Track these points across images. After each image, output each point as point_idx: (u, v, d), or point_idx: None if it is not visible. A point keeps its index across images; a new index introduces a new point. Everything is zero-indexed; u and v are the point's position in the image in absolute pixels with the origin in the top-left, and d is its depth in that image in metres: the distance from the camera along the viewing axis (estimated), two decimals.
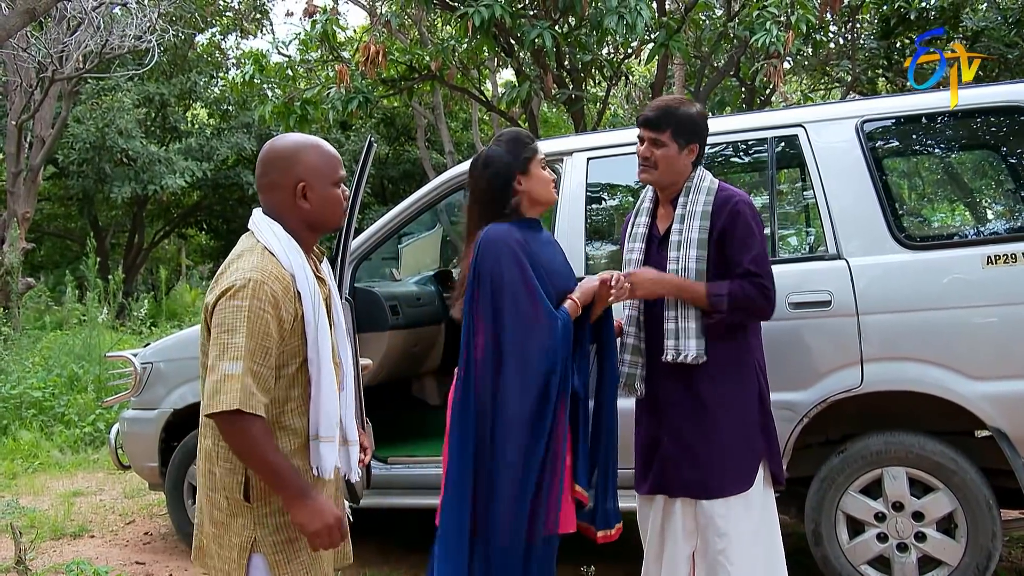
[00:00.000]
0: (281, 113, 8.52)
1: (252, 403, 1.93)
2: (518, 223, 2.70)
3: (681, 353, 2.71)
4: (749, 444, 2.77)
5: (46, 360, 8.72)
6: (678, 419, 2.79)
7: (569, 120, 11.36)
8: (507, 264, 2.59)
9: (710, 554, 2.73)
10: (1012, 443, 3.17)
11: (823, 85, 12.74)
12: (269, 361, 1.99)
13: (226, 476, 2.06)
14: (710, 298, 2.69)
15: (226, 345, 1.95)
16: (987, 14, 9.23)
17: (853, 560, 3.35)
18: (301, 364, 2.08)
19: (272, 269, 2.03)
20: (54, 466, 6.59)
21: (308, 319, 2.07)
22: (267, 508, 2.07)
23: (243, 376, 1.92)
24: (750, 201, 2.78)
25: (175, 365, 4.38)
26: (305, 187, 2.13)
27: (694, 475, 2.75)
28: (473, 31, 7.01)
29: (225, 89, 17.61)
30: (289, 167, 2.13)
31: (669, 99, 2.90)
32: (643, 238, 2.91)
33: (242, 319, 1.95)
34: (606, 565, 3.74)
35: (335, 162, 2.20)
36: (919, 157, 4.66)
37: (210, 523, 2.13)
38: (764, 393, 2.83)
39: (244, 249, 2.10)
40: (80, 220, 18.79)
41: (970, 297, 3.23)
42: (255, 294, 1.97)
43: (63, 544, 4.76)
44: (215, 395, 1.93)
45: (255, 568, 2.07)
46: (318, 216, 2.16)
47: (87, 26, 10.41)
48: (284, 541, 2.08)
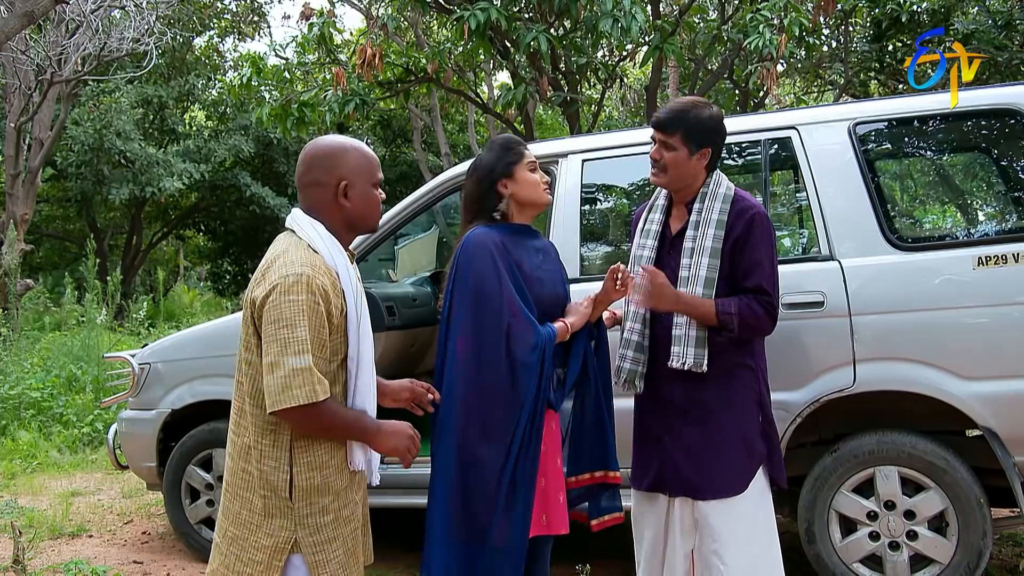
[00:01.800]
0: (278, 115, 8.53)
1: (325, 389, 2.00)
2: (503, 227, 2.73)
3: (686, 360, 2.72)
4: (748, 448, 2.78)
5: (45, 361, 8.73)
6: (679, 420, 2.80)
7: (564, 122, 11.38)
8: (482, 267, 2.61)
9: (704, 553, 2.76)
10: (1002, 442, 3.20)
11: (816, 88, 12.78)
12: (325, 353, 2.06)
13: (271, 474, 2.07)
14: (720, 317, 2.69)
15: (288, 340, 1.98)
16: (977, 17, 9.27)
17: (846, 558, 3.38)
18: (341, 361, 2.13)
19: (320, 264, 2.08)
20: (52, 466, 6.60)
21: (351, 316, 2.12)
22: (309, 508, 2.09)
23: (312, 368, 1.98)
24: (765, 213, 2.77)
25: (173, 366, 4.39)
26: (347, 186, 2.18)
27: (692, 475, 2.77)
28: (469, 34, 7.03)
29: (223, 91, 17.60)
30: (333, 166, 2.18)
31: (684, 101, 2.85)
32: (656, 236, 2.89)
33: (301, 313, 1.99)
34: (601, 564, 3.76)
35: (375, 164, 2.25)
36: (911, 159, 4.68)
37: (234, 525, 2.12)
38: (765, 398, 2.84)
39: (288, 246, 2.13)
40: (79, 222, 18.80)
41: (961, 298, 3.25)
42: (309, 288, 2.01)
43: (61, 544, 4.77)
44: (287, 390, 1.97)
45: (294, 569, 2.09)
46: (358, 215, 2.21)
47: (86, 29, 10.43)
48: (324, 541, 2.10)
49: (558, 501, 2.71)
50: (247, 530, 2.09)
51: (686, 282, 2.74)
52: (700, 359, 2.71)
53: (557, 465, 2.75)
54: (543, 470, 2.68)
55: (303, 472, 2.08)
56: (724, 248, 2.72)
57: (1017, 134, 3.54)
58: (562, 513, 2.72)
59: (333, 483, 2.12)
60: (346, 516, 2.17)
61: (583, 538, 3.03)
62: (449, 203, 4.71)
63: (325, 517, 2.10)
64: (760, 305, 2.70)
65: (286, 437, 2.08)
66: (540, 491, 2.67)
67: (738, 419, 2.77)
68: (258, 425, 2.09)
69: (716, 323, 2.70)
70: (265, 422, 2.08)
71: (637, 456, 2.93)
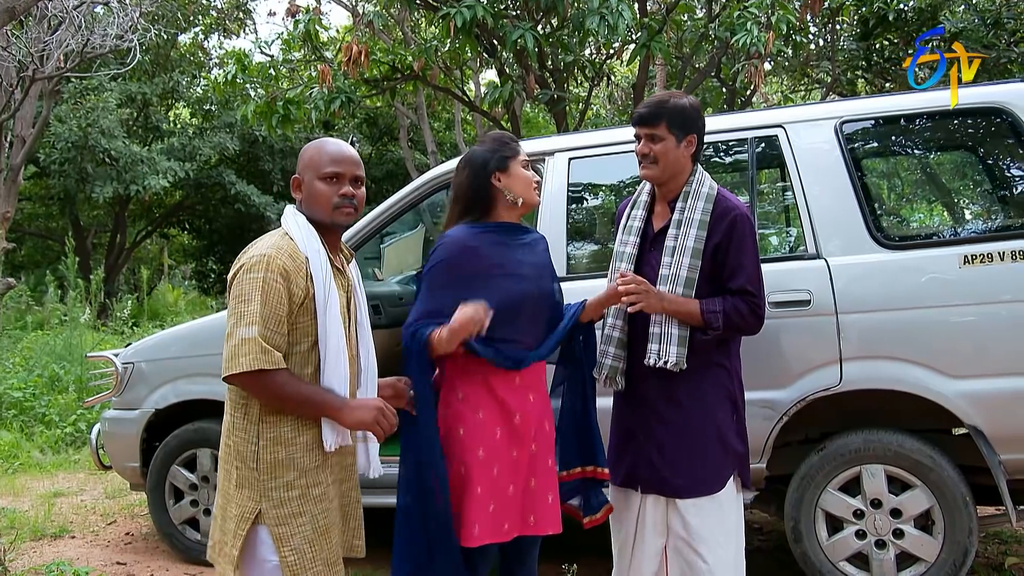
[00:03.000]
0: (264, 113, 8.50)
1: (271, 359, 2.10)
2: (487, 225, 2.70)
3: (662, 358, 2.72)
4: (723, 447, 2.78)
5: (27, 360, 8.67)
6: (653, 417, 2.81)
7: (551, 120, 11.37)
8: (439, 264, 2.62)
9: (685, 553, 2.75)
10: (988, 440, 3.21)
11: (803, 86, 12.82)
12: (282, 328, 2.16)
13: (240, 445, 2.21)
14: (705, 315, 2.69)
15: (242, 313, 2.13)
16: (965, 16, 9.31)
17: (832, 557, 3.38)
18: (312, 344, 2.23)
19: (287, 247, 2.21)
20: (35, 467, 6.54)
21: (319, 299, 2.21)
22: (273, 482, 2.19)
23: (258, 339, 2.09)
24: (748, 214, 2.78)
25: (157, 365, 4.35)
26: (299, 180, 2.34)
27: (664, 473, 2.77)
28: (455, 32, 7.01)
29: (208, 89, 17.50)
30: (298, 163, 2.36)
31: (660, 95, 2.90)
32: (638, 232, 2.89)
33: (257, 288, 2.13)
34: (587, 563, 3.75)
35: (328, 157, 2.31)
36: (898, 158, 4.70)
37: (221, 496, 2.27)
38: (738, 398, 2.85)
39: (268, 235, 2.29)
40: (61, 220, 18.62)
41: (947, 296, 3.26)
42: (268, 267, 2.15)
43: (43, 545, 4.73)
44: (234, 358, 2.10)
45: (260, 541, 2.19)
46: (307, 208, 2.32)
47: (68, 25, 10.32)
48: (288, 515, 2.19)
49: (547, 501, 2.69)
50: (226, 499, 2.24)
51: (666, 280, 2.74)
52: (680, 357, 2.71)
53: (548, 465, 2.73)
54: (533, 470, 2.67)
55: (268, 446, 2.19)
56: (706, 249, 2.72)
57: (1004, 132, 3.55)
58: (552, 513, 2.70)
59: (299, 460, 2.22)
60: (316, 495, 2.24)
61: (570, 536, 3.02)
62: (435, 201, 4.69)
63: (290, 492, 2.19)
64: (746, 304, 2.71)
65: (255, 412, 2.21)
66: (529, 491, 2.66)
67: (713, 418, 2.78)
68: (233, 400, 2.26)
69: (701, 322, 2.70)
70: (238, 396, 2.23)
71: (611, 451, 2.94)
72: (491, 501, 2.59)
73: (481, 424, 2.61)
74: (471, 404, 2.62)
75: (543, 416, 2.74)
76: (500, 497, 2.60)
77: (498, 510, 2.59)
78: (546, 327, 2.77)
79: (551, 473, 2.74)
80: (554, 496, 2.72)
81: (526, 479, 2.66)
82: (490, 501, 2.58)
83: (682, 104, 2.80)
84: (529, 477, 2.66)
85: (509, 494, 2.62)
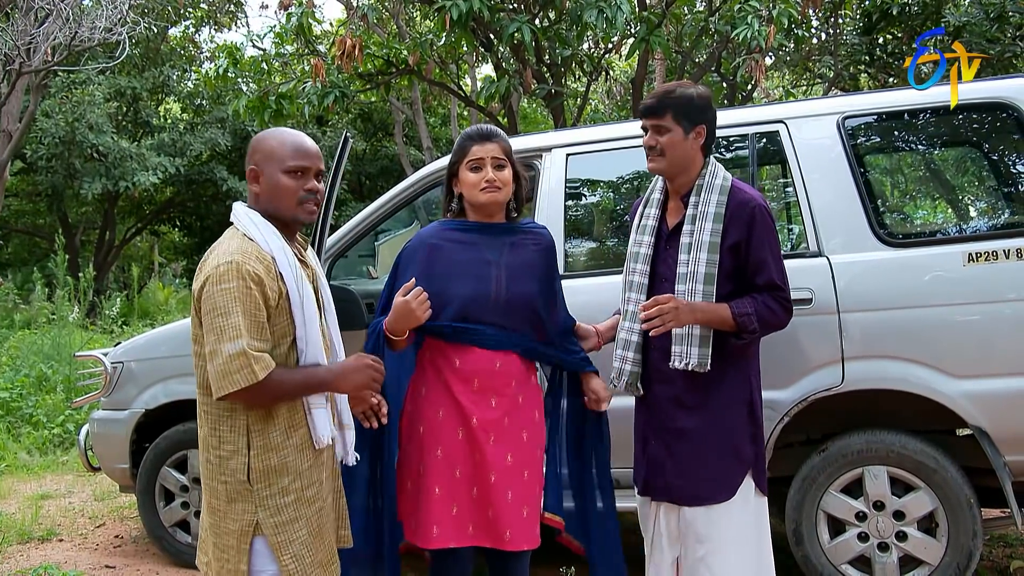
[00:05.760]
0: (255, 108, 8.44)
1: (264, 364, 2.04)
2: (460, 223, 2.73)
3: (689, 360, 2.64)
4: (736, 453, 2.72)
5: (14, 360, 8.58)
6: (666, 422, 2.76)
7: (549, 116, 11.32)
8: (400, 259, 2.74)
9: (691, 561, 2.70)
10: (993, 442, 3.17)
11: (805, 81, 12.79)
12: (265, 335, 2.09)
13: (228, 459, 2.14)
14: (738, 319, 2.62)
15: (223, 327, 2.03)
16: (969, 10, 9.23)
17: (834, 560, 3.34)
18: (291, 343, 2.17)
19: (251, 250, 2.11)
20: (21, 468, 6.46)
21: (293, 296, 2.15)
22: (268, 490, 2.14)
23: (247, 351, 2.02)
24: (766, 206, 2.70)
25: (146, 365, 4.30)
26: (256, 172, 2.21)
27: (675, 480, 2.72)
28: (451, 25, 6.94)
29: (199, 83, 17.38)
30: (251, 154, 2.23)
31: (667, 85, 2.82)
32: (652, 231, 2.81)
33: (233, 300, 2.04)
34: (587, 565, 3.70)
35: (293, 150, 2.22)
36: (901, 154, 4.66)
37: (208, 514, 2.20)
38: (756, 400, 2.78)
39: (224, 237, 2.19)
40: (49, 217, 18.49)
41: (951, 295, 3.22)
42: (239, 274, 2.05)
43: (31, 548, 4.67)
44: (228, 376, 2.02)
45: (257, 552, 2.14)
46: (267, 202, 2.21)
47: (56, 17, 10.19)
48: (285, 522, 2.15)
49: (522, 515, 2.62)
50: (217, 517, 2.17)
51: (684, 279, 2.66)
52: (704, 359, 2.64)
53: (525, 478, 2.65)
54: (509, 482, 2.60)
55: (260, 455, 2.13)
56: (723, 243, 2.64)
57: (1009, 128, 3.51)
58: (528, 527, 2.63)
59: (292, 463, 2.17)
60: (309, 496, 2.21)
61: None
62: (430, 198, 4.63)
63: (285, 498, 2.15)
64: (775, 301, 2.65)
65: (242, 421, 2.14)
66: (506, 504, 2.59)
67: (726, 423, 2.72)
68: (213, 414, 2.16)
69: (735, 327, 2.63)
70: (220, 409, 2.15)
71: (634, 458, 2.91)
72: (452, 503, 2.57)
73: (440, 424, 2.61)
74: (432, 402, 2.64)
75: (520, 426, 2.66)
76: (462, 500, 2.58)
77: (461, 512, 2.57)
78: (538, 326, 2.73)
79: (528, 486, 2.66)
80: (531, 510, 2.66)
81: (499, 488, 2.58)
82: (451, 502, 2.57)
83: (689, 94, 2.71)
84: (505, 490, 2.59)
85: (473, 496, 2.58)
